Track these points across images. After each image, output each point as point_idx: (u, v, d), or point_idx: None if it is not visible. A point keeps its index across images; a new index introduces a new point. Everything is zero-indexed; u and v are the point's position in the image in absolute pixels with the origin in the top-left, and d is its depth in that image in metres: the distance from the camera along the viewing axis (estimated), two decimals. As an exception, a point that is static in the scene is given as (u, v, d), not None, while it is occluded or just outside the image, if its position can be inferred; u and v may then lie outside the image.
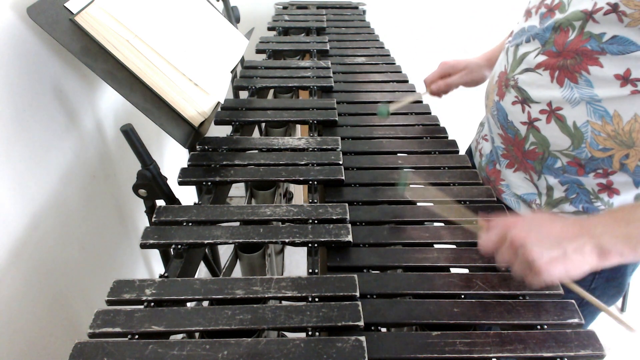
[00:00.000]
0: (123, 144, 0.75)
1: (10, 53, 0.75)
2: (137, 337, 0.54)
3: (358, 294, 0.60)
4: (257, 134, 1.14)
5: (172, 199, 0.79)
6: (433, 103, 1.07)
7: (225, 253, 1.43)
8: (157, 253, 0.97)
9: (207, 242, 0.67)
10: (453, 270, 0.67)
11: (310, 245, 0.69)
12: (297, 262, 1.93)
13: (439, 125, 1.00)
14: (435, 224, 0.74)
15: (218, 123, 0.96)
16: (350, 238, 0.68)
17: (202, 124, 0.90)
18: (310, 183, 0.80)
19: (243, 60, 1.22)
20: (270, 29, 1.50)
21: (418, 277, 0.64)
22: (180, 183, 0.80)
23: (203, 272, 1.57)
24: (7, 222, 0.75)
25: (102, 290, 0.59)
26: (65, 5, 0.78)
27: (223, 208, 0.73)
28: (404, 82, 1.18)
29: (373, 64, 1.28)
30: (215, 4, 1.22)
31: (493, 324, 0.59)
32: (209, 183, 0.80)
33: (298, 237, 0.68)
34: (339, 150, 0.88)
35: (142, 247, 0.67)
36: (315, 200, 0.78)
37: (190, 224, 0.70)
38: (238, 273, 0.94)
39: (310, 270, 0.66)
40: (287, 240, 0.68)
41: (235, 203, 0.78)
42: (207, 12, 1.09)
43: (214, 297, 0.59)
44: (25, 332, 0.80)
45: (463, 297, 0.62)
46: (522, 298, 0.62)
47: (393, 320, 0.59)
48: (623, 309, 1.89)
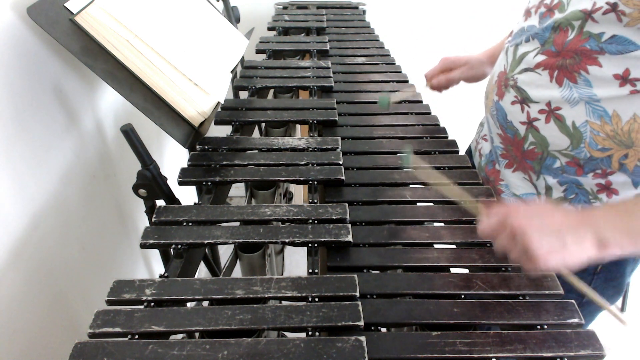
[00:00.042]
0: (123, 144, 0.75)
1: (10, 53, 0.75)
2: (137, 337, 0.54)
3: (358, 294, 0.60)
4: (257, 134, 1.14)
5: (172, 199, 0.79)
6: (433, 103, 1.07)
7: (225, 253, 1.43)
8: (157, 253, 0.97)
9: (207, 242, 0.68)
10: (453, 270, 0.67)
11: (310, 245, 0.69)
12: (297, 262, 1.93)
13: (439, 125, 1.00)
14: (435, 224, 0.74)
15: (218, 123, 0.96)
16: (350, 238, 0.68)
17: (202, 124, 0.90)
18: (310, 183, 0.80)
19: (243, 60, 1.22)
20: (270, 29, 1.50)
21: (418, 277, 0.65)
22: (180, 183, 0.80)
23: (203, 272, 1.57)
24: (7, 222, 0.75)
25: (102, 290, 0.59)
26: (65, 5, 0.78)
27: (223, 208, 0.73)
28: (404, 82, 1.18)
29: (373, 64, 1.28)
30: (215, 4, 1.22)
31: (493, 324, 0.59)
32: (209, 183, 0.80)
33: (298, 237, 0.68)
34: (339, 150, 0.88)
35: (142, 247, 0.67)
36: (315, 200, 0.78)
37: (190, 224, 0.70)
38: (238, 273, 0.94)
39: (310, 270, 0.66)
40: (287, 240, 0.68)
41: (235, 203, 0.78)
42: (207, 12, 1.09)
43: (214, 297, 0.59)
44: (26, 332, 0.81)
45: (463, 297, 0.62)
46: (522, 298, 0.62)
47: (393, 320, 0.59)
48: (623, 309, 1.89)
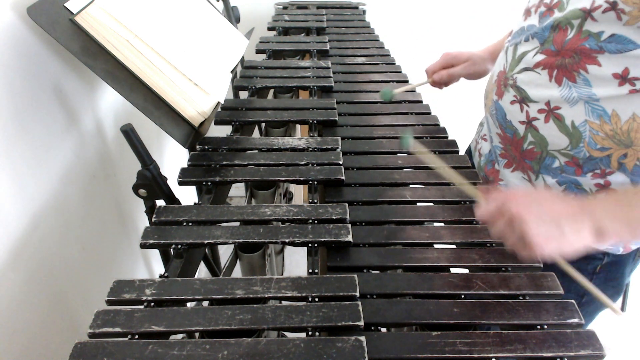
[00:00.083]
0: (123, 144, 0.75)
1: (10, 53, 0.75)
2: (137, 337, 0.54)
3: (358, 294, 0.60)
4: (257, 134, 1.14)
5: (172, 199, 0.79)
6: (433, 103, 1.07)
7: (225, 253, 1.43)
8: (157, 253, 0.97)
9: (207, 242, 0.67)
10: (453, 270, 0.67)
11: (310, 245, 0.69)
12: (297, 262, 1.93)
13: (439, 125, 1.00)
14: (435, 224, 0.74)
15: (218, 123, 0.96)
16: (350, 238, 0.68)
17: (202, 124, 0.90)
18: (310, 183, 0.80)
19: (243, 60, 1.22)
20: (270, 29, 1.50)
21: (418, 277, 0.65)
22: (180, 183, 0.80)
23: (203, 272, 1.57)
24: (7, 222, 0.75)
25: (102, 290, 0.59)
26: (65, 5, 0.78)
27: (223, 208, 0.73)
28: (404, 82, 1.18)
29: (373, 64, 1.28)
30: (215, 4, 1.22)
31: (493, 324, 0.59)
32: (209, 183, 0.80)
33: (298, 237, 0.68)
34: (339, 150, 0.88)
35: (142, 247, 0.67)
36: (315, 200, 0.78)
37: (190, 224, 0.70)
38: (238, 273, 0.94)
39: (310, 270, 0.66)
40: (287, 240, 0.68)
41: (235, 203, 0.78)
42: (207, 12, 1.09)
43: (214, 297, 0.59)
44: (26, 332, 0.81)
45: (463, 297, 0.62)
46: (522, 298, 0.62)
47: (393, 320, 0.59)
48: (623, 309, 1.89)
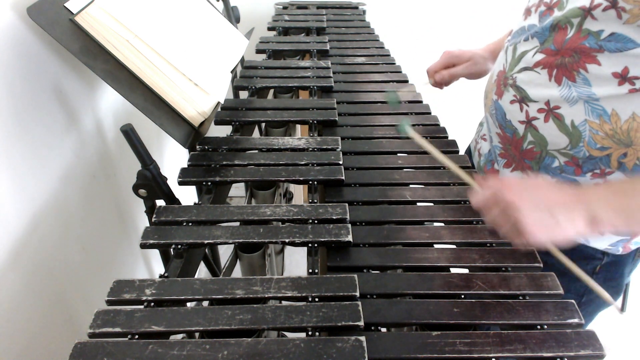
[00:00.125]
0: (123, 144, 0.75)
1: (10, 53, 0.75)
2: (137, 337, 0.54)
3: (358, 294, 0.60)
4: (257, 134, 1.14)
5: (172, 199, 0.79)
6: (433, 103, 1.07)
7: (225, 253, 1.43)
8: (157, 253, 0.97)
9: (207, 242, 0.67)
10: (453, 270, 0.67)
11: (310, 245, 0.69)
12: (297, 262, 1.93)
13: (439, 125, 1.00)
14: (435, 224, 0.74)
15: (218, 123, 0.96)
16: (350, 238, 0.68)
17: (202, 124, 0.90)
18: (310, 183, 0.80)
19: (243, 60, 1.22)
20: (270, 29, 1.50)
21: (418, 277, 0.64)
22: (180, 183, 0.80)
23: (203, 272, 1.57)
24: (7, 222, 0.75)
25: (102, 290, 0.59)
26: (65, 5, 0.78)
27: (223, 208, 0.73)
28: (404, 82, 1.18)
29: (373, 64, 1.28)
30: (215, 4, 1.22)
31: (493, 324, 0.59)
32: (209, 183, 0.80)
33: (298, 237, 0.68)
34: (339, 150, 0.88)
35: (142, 247, 0.67)
36: (315, 200, 0.78)
37: (190, 224, 0.70)
38: (238, 273, 0.94)
39: (310, 270, 0.66)
40: (287, 240, 0.68)
41: (235, 203, 0.78)
42: (207, 12, 1.09)
43: (214, 297, 0.59)
44: (26, 332, 0.81)
45: (463, 297, 0.62)
46: (522, 298, 0.62)
47: (393, 320, 0.59)
48: (623, 309, 1.89)
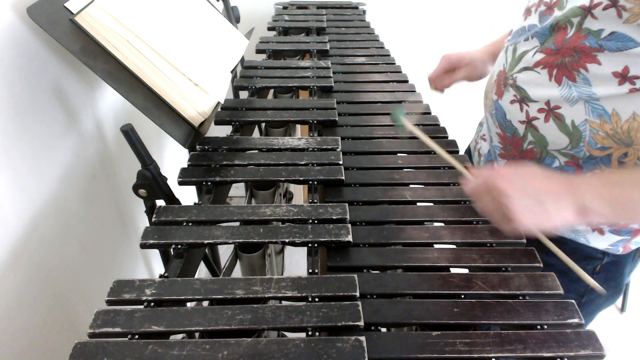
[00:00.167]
0: (123, 144, 0.75)
1: (10, 53, 0.75)
2: (137, 337, 0.54)
3: (358, 294, 0.60)
4: (257, 134, 1.14)
5: (172, 199, 0.79)
6: (433, 103, 1.07)
7: (225, 253, 1.43)
8: (157, 253, 0.97)
9: (207, 242, 0.67)
10: (453, 270, 0.67)
11: (310, 245, 0.69)
12: (297, 262, 1.94)
13: (439, 125, 1.00)
14: (435, 224, 0.74)
15: (218, 123, 0.96)
16: (350, 238, 0.68)
17: (202, 124, 0.90)
18: (310, 183, 0.80)
19: (243, 60, 1.22)
20: (270, 29, 1.50)
21: (418, 277, 0.64)
22: (180, 183, 0.80)
23: (203, 272, 1.57)
24: (7, 222, 0.75)
25: (102, 290, 0.59)
26: (65, 5, 0.78)
27: (223, 208, 0.73)
28: (404, 82, 1.18)
29: (373, 64, 1.28)
30: (215, 4, 1.22)
31: (493, 324, 0.59)
32: (209, 183, 0.80)
33: (298, 237, 0.68)
34: (339, 150, 0.88)
35: (142, 247, 0.67)
36: (315, 200, 0.78)
37: (190, 224, 0.70)
38: (238, 273, 0.94)
39: (310, 270, 0.66)
40: (287, 240, 0.68)
41: (235, 203, 0.78)
42: (207, 12, 1.09)
43: (214, 297, 0.59)
44: (26, 332, 0.81)
45: (463, 297, 0.62)
46: (522, 298, 0.62)
47: (393, 320, 0.59)
48: (623, 309, 1.89)
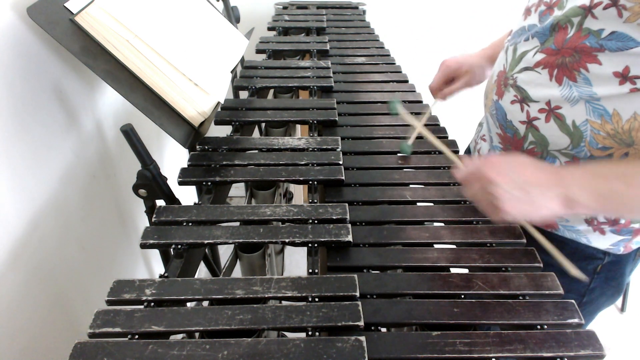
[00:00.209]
0: (123, 144, 0.75)
1: (10, 53, 0.75)
2: (137, 337, 0.54)
3: (358, 294, 0.60)
4: (257, 134, 1.14)
5: (172, 199, 0.79)
6: (432, 102, 1.07)
7: (225, 253, 1.43)
8: (157, 253, 0.97)
9: (207, 242, 0.67)
10: (453, 270, 0.67)
11: (310, 245, 0.69)
12: (297, 262, 1.94)
13: (439, 125, 1.00)
14: (435, 224, 0.74)
15: (218, 123, 0.96)
16: (350, 238, 0.68)
17: (202, 124, 0.90)
18: (310, 183, 0.80)
19: (243, 60, 1.22)
20: (270, 29, 1.50)
21: (418, 277, 0.64)
22: (180, 183, 0.80)
23: (203, 272, 1.57)
24: (7, 222, 0.75)
25: (102, 290, 0.59)
26: (65, 5, 0.78)
27: (223, 208, 0.73)
28: (404, 82, 1.18)
29: (373, 64, 1.28)
30: (215, 4, 1.22)
31: (493, 324, 0.59)
32: (209, 183, 0.80)
33: (298, 237, 0.68)
34: (339, 150, 0.88)
35: (142, 247, 0.67)
36: (315, 200, 0.78)
37: (190, 224, 0.70)
38: (238, 273, 0.94)
39: (310, 270, 0.66)
40: (287, 240, 0.68)
41: (235, 203, 0.78)
42: (207, 12, 1.09)
43: (214, 297, 0.59)
44: (26, 332, 0.81)
45: (463, 297, 0.62)
46: (522, 298, 0.62)
47: (393, 320, 0.59)
48: (623, 309, 1.89)
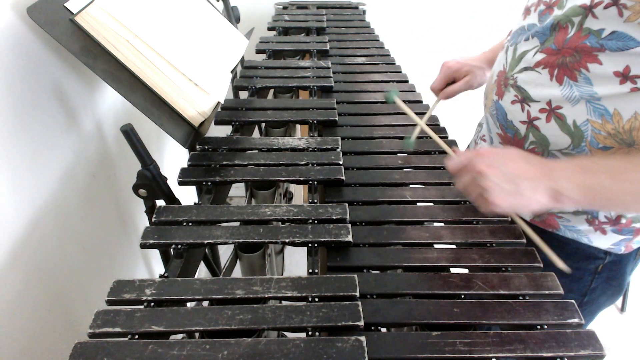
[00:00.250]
0: (123, 144, 0.75)
1: (10, 53, 0.75)
2: (137, 337, 0.54)
3: (358, 294, 0.60)
4: (257, 134, 1.14)
5: (172, 199, 0.79)
6: (432, 102, 1.07)
7: (225, 253, 1.43)
8: (157, 253, 0.97)
9: (207, 242, 0.67)
10: (453, 270, 0.67)
11: (310, 245, 0.69)
12: (297, 262, 1.94)
13: (439, 125, 1.00)
14: (435, 224, 0.74)
15: (218, 123, 0.96)
16: (350, 238, 0.68)
17: (202, 124, 0.90)
18: (310, 183, 0.80)
19: (243, 60, 1.22)
20: (270, 29, 1.50)
21: (418, 277, 0.64)
22: (180, 183, 0.80)
23: (203, 272, 1.57)
24: (7, 222, 0.75)
25: (102, 290, 0.59)
26: (65, 5, 0.78)
27: (223, 208, 0.73)
28: (404, 82, 1.18)
29: (373, 64, 1.28)
30: (215, 4, 1.22)
31: (493, 324, 0.59)
32: (209, 183, 0.80)
33: (298, 237, 0.68)
34: (339, 150, 0.88)
35: (142, 247, 0.67)
36: (315, 200, 0.78)
37: (190, 224, 0.70)
38: (238, 273, 0.94)
39: (310, 270, 0.66)
40: (287, 240, 0.68)
41: (235, 203, 0.78)
42: (207, 12, 1.09)
43: (214, 297, 0.59)
44: (26, 332, 0.81)
45: (463, 297, 0.62)
46: (522, 298, 0.62)
47: (393, 320, 0.59)
48: (623, 309, 1.89)
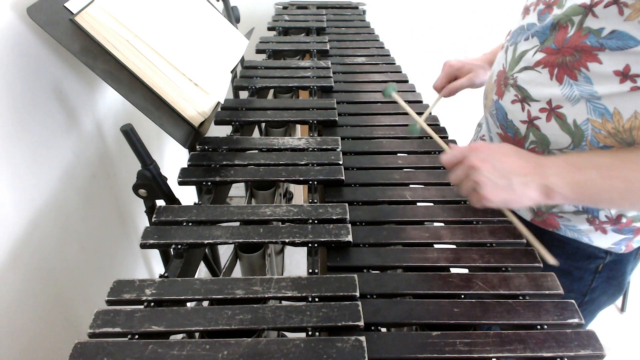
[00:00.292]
0: (123, 144, 0.75)
1: (10, 53, 0.75)
2: (137, 337, 0.54)
3: (358, 294, 0.60)
4: (257, 134, 1.14)
5: (172, 199, 0.79)
6: (432, 102, 1.07)
7: (225, 253, 1.43)
8: (157, 253, 0.97)
9: (207, 242, 0.67)
10: (453, 270, 0.67)
11: (310, 245, 0.69)
12: (297, 262, 1.94)
13: (439, 125, 1.00)
14: (435, 224, 0.74)
15: (218, 123, 0.96)
16: (350, 238, 0.68)
17: (202, 124, 0.90)
18: (310, 183, 0.80)
19: (243, 60, 1.22)
20: (270, 29, 1.50)
21: (418, 277, 0.64)
22: (180, 183, 0.80)
23: (203, 272, 1.57)
24: (7, 222, 0.75)
25: (102, 290, 0.59)
26: (65, 5, 0.78)
27: (223, 208, 0.73)
28: (404, 82, 1.18)
29: (373, 64, 1.28)
30: (215, 4, 1.22)
31: (493, 324, 0.59)
32: (209, 183, 0.80)
33: (298, 237, 0.68)
34: (339, 150, 0.88)
35: (142, 247, 0.67)
36: (315, 200, 0.78)
37: (190, 224, 0.70)
38: (238, 273, 0.94)
39: (310, 270, 0.66)
40: (287, 240, 0.68)
41: (235, 203, 0.78)
42: (207, 12, 1.09)
43: (214, 297, 0.59)
44: (26, 332, 0.81)
45: (463, 297, 0.62)
46: (522, 298, 0.62)
47: (393, 320, 0.59)
48: (623, 309, 1.89)
